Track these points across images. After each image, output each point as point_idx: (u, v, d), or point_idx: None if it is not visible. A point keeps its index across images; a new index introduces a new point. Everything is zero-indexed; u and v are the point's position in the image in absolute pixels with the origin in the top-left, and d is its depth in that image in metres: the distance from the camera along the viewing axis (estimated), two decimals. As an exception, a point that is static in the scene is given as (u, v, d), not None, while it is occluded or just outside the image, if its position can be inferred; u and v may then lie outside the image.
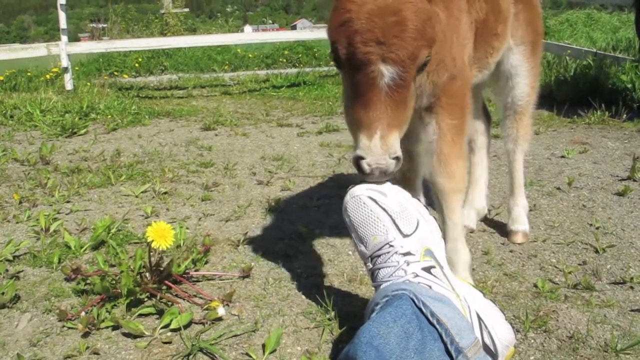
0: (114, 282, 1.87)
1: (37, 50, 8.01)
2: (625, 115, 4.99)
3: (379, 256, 1.46)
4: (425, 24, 1.39)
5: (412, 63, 1.40)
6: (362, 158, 1.41)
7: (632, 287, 1.90)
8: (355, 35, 1.36)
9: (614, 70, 5.93)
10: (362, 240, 1.53)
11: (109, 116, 5.61)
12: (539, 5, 2.43)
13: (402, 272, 1.40)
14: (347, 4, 1.39)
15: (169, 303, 1.81)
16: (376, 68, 1.37)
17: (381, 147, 1.39)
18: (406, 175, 2.02)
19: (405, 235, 1.47)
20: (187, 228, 2.53)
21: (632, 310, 1.76)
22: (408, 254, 1.43)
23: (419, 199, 1.63)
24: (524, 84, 2.33)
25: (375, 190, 1.54)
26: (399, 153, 1.43)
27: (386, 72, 1.37)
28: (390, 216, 1.49)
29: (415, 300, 1.26)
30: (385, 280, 1.41)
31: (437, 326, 1.21)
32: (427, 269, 1.41)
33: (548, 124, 4.94)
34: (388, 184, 1.58)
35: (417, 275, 1.38)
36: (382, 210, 1.50)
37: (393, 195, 1.54)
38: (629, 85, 5.56)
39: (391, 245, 1.45)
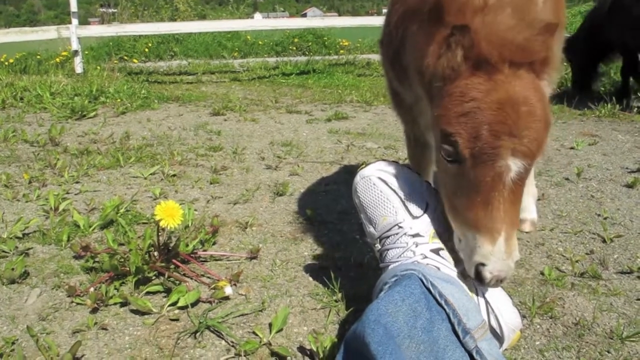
0: (122, 260, 1.88)
1: (47, 32, 8.03)
2: (636, 108, 4.96)
3: (387, 237, 1.47)
4: (547, 111, 1.27)
5: (539, 154, 1.27)
6: (483, 265, 1.27)
7: (638, 277, 1.90)
8: (483, 127, 1.21)
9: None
10: (371, 221, 1.54)
11: (118, 100, 5.63)
12: None
13: (410, 253, 1.40)
14: (469, 90, 1.24)
15: (177, 282, 1.82)
16: (504, 163, 1.22)
17: (505, 251, 1.25)
18: (418, 161, 2.01)
19: (414, 217, 1.47)
20: (196, 210, 2.54)
21: (638, 299, 1.75)
22: (417, 235, 1.44)
23: (429, 182, 1.63)
24: None
25: (386, 171, 1.55)
26: (519, 255, 1.31)
27: (514, 166, 1.23)
28: (400, 197, 1.50)
29: (424, 281, 1.27)
30: (393, 261, 1.42)
31: (445, 307, 1.21)
32: (436, 251, 1.41)
33: (558, 116, 4.91)
34: (398, 165, 1.58)
35: (425, 257, 1.39)
36: (392, 191, 1.51)
37: (403, 176, 1.54)
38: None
39: (400, 227, 1.45)
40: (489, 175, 1.24)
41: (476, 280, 1.30)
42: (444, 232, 1.50)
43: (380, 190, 1.52)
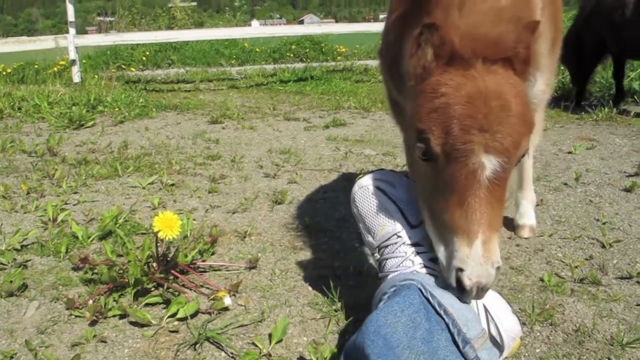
0: (121, 271, 1.87)
1: (45, 42, 8.04)
2: (633, 112, 4.98)
3: (386, 247, 1.47)
4: (526, 109, 1.23)
5: (515, 153, 1.22)
6: (461, 270, 1.22)
7: (638, 282, 1.90)
8: (453, 122, 1.19)
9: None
10: (369, 231, 1.54)
11: (116, 109, 5.64)
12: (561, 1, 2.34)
13: (409, 263, 1.40)
14: (440, 86, 1.23)
15: (176, 293, 1.82)
16: (477, 160, 1.19)
17: (483, 255, 1.20)
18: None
19: (413, 226, 1.47)
20: (194, 219, 2.53)
21: (638, 305, 1.75)
22: (416, 244, 1.43)
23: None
24: (540, 82, 2.24)
25: (384, 180, 1.55)
26: (501, 262, 1.24)
27: (489, 164, 1.19)
28: (399, 207, 1.50)
29: (423, 291, 1.26)
30: (392, 271, 1.42)
31: (445, 317, 1.21)
32: (435, 260, 1.41)
33: (555, 120, 4.93)
34: (396, 174, 1.58)
35: (424, 266, 1.39)
36: (390, 200, 1.51)
37: (401, 185, 1.54)
38: (637, 84, 5.61)
39: (399, 236, 1.45)
40: (462, 172, 1.21)
41: (457, 289, 1.26)
42: None
43: (378, 199, 1.52)
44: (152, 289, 1.86)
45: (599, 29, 5.12)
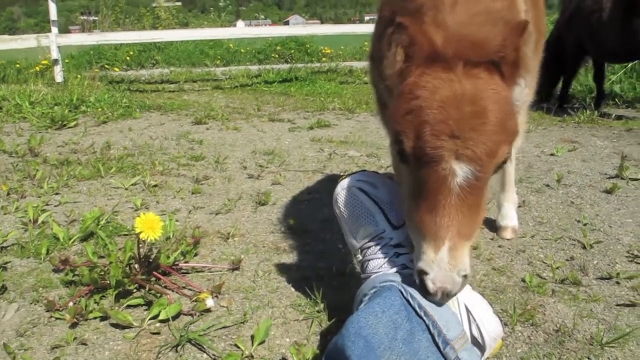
0: (102, 273, 1.85)
1: (27, 41, 7.95)
2: (614, 114, 5.05)
3: (368, 248, 1.47)
4: (506, 116, 1.19)
5: (490, 161, 1.18)
6: (425, 273, 1.21)
7: (617, 283, 1.92)
8: (425, 126, 1.16)
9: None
10: (352, 232, 1.54)
11: (100, 109, 5.59)
12: (543, 4, 2.36)
13: (391, 264, 1.40)
14: (416, 89, 1.20)
15: (158, 294, 1.80)
16: (448, 166, 1.16)
17: (449, 261, 1.17)
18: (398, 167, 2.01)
19: (395, 227, 1.47)
20: (177, 220, 2.52)
21: (617, 305, 1.77)
22: (398, 245, 1.44)
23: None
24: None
25: (366, 182, 1.55)
26: (469, 270, 1.21)
27: (459, 171, 1.16)
28: (381, 208, 1.50)
29: (403, 292, 1.26)
30: (374, 272, 1.42)
31: (425, 318, 1.21)
32: (417, 261, 1.41)
33: (538, 123, 4.97)
34: (379, 175, 1.58)
35: (406, 267, 1.39)
36: (372, 202, 1.51)
37: (384, 187, 1.54)
38: (618, 86, 5.69)
39: (381, 237, 1.46)
40: (432, 178, 1.18)
41: (421, 290, 1.24)
42: None
43: (360, 201, 1.53)
44: (134, 290, 1.84)
45: (579, 32, 5.18)
